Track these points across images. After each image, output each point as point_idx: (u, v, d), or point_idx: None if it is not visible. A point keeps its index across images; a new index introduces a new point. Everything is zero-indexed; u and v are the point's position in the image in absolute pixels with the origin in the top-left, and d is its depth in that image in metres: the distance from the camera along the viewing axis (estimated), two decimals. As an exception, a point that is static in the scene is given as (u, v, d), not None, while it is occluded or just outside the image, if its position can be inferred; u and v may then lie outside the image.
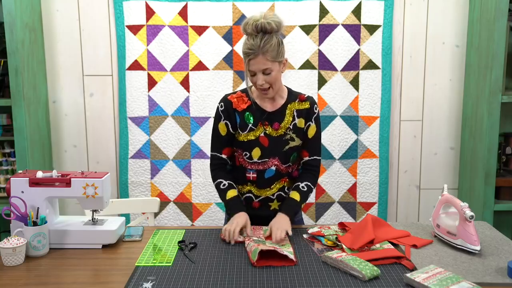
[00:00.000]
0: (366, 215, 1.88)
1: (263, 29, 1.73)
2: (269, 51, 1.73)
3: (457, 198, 1.71)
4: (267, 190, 1.94)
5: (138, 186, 2.99)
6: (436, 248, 1.69)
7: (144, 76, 2.91)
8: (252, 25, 1.73)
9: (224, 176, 1.94)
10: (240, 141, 1.90)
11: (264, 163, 1.90)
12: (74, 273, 1.53)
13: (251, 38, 1.75)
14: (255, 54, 1.74)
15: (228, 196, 1.90)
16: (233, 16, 2.86)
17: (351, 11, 2.85)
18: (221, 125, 1.91)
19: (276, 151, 1.89)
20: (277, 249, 1.59)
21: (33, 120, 2.72)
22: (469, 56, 2.84)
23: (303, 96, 1.92)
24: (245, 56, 1.77)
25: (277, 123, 1.88)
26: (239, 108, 1.89)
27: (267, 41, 1.73)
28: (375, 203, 3.01)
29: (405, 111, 2.99)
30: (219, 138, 1.93)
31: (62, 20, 2.90)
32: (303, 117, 1.90)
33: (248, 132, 1.89)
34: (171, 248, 1.71)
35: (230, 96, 1.92)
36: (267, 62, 1.75)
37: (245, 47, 1.77)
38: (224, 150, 1.94)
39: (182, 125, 2.95)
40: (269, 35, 1.74)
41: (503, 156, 2.81)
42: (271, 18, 1.74)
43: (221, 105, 1.91)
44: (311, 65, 2.89)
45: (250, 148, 1.89)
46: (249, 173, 1.92)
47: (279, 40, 1.77)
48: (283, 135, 1.89)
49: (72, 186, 1.71)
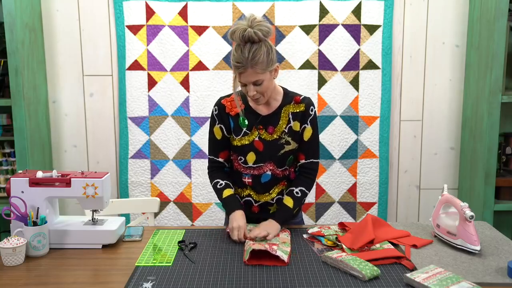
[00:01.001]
0: (366, 215, 1.88)
1: (250, 39, 1.65)
2: (259, 63, 1.66)
3: (457, 198, 1.71)
4: (266, 195, 1.91)
5: (138, 186, 2.99)
6: (436, 248, 1.69)
7: (144, 76, 2.91)
8: (239, 35, 1.65)
9: (221, 176, 1.93)
10: (235, 146, 1.88)
11: (260, 168, 1.87)
12: (74, 273, 1.53)
13: (239, 49, 1.67)
14: (244, 68, 1.67)
15: (224, 194, 1.88)
16: (233, 16, 2.86)
17: (351, 11, 2.85)
18: (216, 129, 1.89)
19: (271, 156, 1.86)
20: (270, 249, 1.59)
21: (33, 120, 2.72)
22: (469, 56, 2.83)
23: (298, 98, 1.85)
24: (234, 67, 1.71)
25: (272, 127, 1.85)
26: (232, 112, 1.85)
27: (256, 53, 1.65)
28: (375, 203, 3.01)
29: (405, 111, 2.99)
30: (215, 142, 1.91)
31: (62, 20, 2.90)
32: (298, 120, 1.85)
33: (242, 136, 1.85)
34: (171, 248, 1.71)
35: (224, 99, 1.88)
36: (257, 74, 1.68)
37: (233, 59, 1.69)
38: (221, 153, 1.92)
39: (182, 125, 2.95)
40: (257, 44, 1.66)
41: (503, 156, 2.81)
42: (258, 26, 1.65)
43: (215, 109, 1.88)
44: (311, 65, 2.89)
45: (244, 153, 1.86)
46: (245, 177, 1.90)
47: (268, 48, 1.69)
48: (278, 139, 1.85)
49: (72, 186, 1.71)
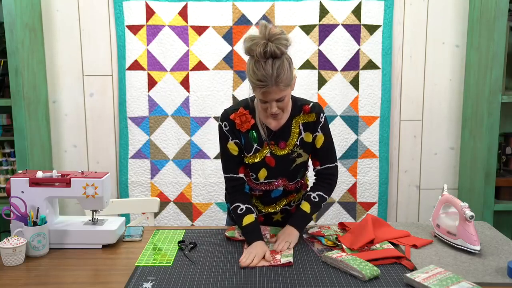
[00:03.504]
0: (366, 215, 1.88)
1: (273, 55, 1.55)
2: (283, 79, 1.57)
3: (457, 198, 1.71)
4: (273, 206, 1.90)
5: (138, 186, 2.99)
6: (436, 248, 1.69)
7: (144, 76, 2.91)
8: (260, 52, 1.54)
9: (242, 199, 1.81)
10: (246, 164, 1.81)
11: (271, 183, 1.82)
12: (74, 273, 1.53)
13: (260, 66, 1.55)
14: (268, 87, 1.57)
15: (245, 222, 1.75)
16: (233, 16, 2.86)
17: (351, 11, 2.85)
18: (230, 145, 1.78)
19: (283, 171, 1.80)
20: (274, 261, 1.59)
21: (33, 120, 2.72)
22: (469, 56, 2.83)
23: (307, 107, 1.76)
24: (254, 86, 1.60)
25: (283, 142, 1.77)
26: (242, 128, 1.75)
27: (279, 69, 1.55)
28: (375, 203, 3.01)
29: (405, 111, 2.99)
30: (232, 158, 1.80)
31: (62, 20, 2.90)
32: (310, 131, 1.78)
33: (254, 154, 1.77)
34: (171, 248, 1.71)
35: (232, 115, 1.76)
36: (281, 91, 1.59)
37: (254, 76, 1.57)
38: (240, 169, 1.81)
39: (182, 125, 2.94)
40: (279, 60, 1.56)
41: (503, 156, 2.81)
42: (278, 40, 1.54)
43: (225, 125, 1.76)
44: (311, 65, 2.89)
45: (256, 170, 1.80)
46: (255, 191, 1.87)
47: (289, 62, 1.60)
48: (290, 153, 1.78)
49: (72, 186, 1.71)
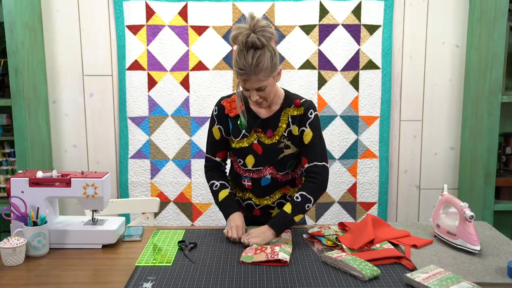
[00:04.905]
0: (366, 215, 1.88)
1: (254, 45, 1.61)
2: (263, 70, 1.63)
3: (457, 198, 1.71)
4: (267, 198, 1.91)
5: (138, 186, 2.99)
6: (436, 248, 1.69)
7: (144, 76, 2.91)
8: (242, 40, 1.60)
9: (218, 177, 1.92)
10: (233, 148, 1.87)
11: (259, 171, 1.86)
12: (74, 273, 1.53)
13: (242, 55, 1.62)
14: (247, 75, 1.63)
15: (220, 197, 1.87)
16: (233, 16, 2.86)
17: (351, 11, 2.85)
18: (214, 130, 1.89)
19: (271, 159, 1.83)
20: (272, 253, 1.59)
21: (33, 120, 2.72)
22: (469, 56, 2.83)
23: (298, 101, 1.81)
24: (236, 73, 1.67)
25: (271, 131, 1.81)
26: (231, 113, 1.84)
27: (259, 59, 1.61)
28: (375, 203, 3.01)
29: (405, 111, 2.99)
30: (213, 142, 1.91)
31: (62, 20, 2.90)
32: (296, 124, 1.81)
33: (241, 139, 1.84)
34: (171, 248, 1.71)
35: (224, 100, 1.87)
36: (261, 81, 1.65)
37: (236, 64, 1.64)
38: (218, 153, 1.92)
39: (182, 125, 2.95)
40: (260, 50, 1.62)
41: (503, 156, 2.81)
42: (261, 31, 1.61)
43: (215, 109, 1.87)
44: (311, 65, 2.89)
45: (243, 156, 1.85)
46: (245, 180, 1.90)
47: (271, 53, 1.65)
48: (277, 143, 1.81)
49: (72, 186, 1.71)
